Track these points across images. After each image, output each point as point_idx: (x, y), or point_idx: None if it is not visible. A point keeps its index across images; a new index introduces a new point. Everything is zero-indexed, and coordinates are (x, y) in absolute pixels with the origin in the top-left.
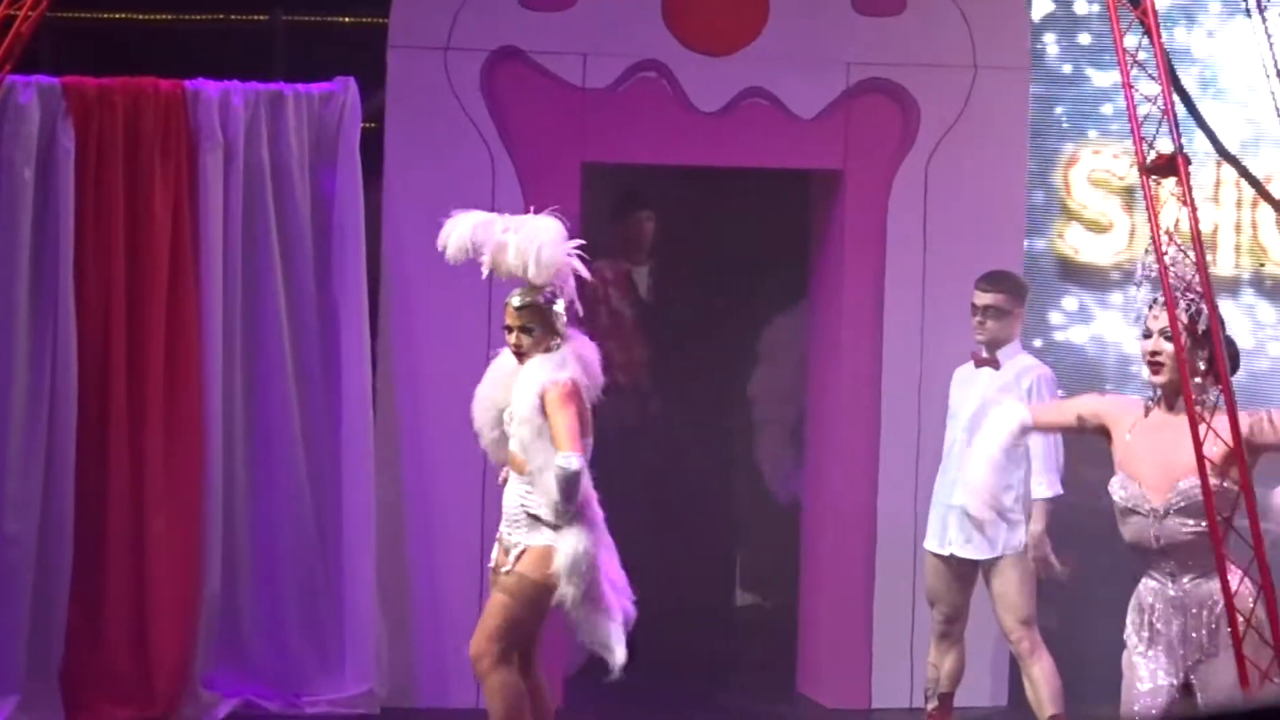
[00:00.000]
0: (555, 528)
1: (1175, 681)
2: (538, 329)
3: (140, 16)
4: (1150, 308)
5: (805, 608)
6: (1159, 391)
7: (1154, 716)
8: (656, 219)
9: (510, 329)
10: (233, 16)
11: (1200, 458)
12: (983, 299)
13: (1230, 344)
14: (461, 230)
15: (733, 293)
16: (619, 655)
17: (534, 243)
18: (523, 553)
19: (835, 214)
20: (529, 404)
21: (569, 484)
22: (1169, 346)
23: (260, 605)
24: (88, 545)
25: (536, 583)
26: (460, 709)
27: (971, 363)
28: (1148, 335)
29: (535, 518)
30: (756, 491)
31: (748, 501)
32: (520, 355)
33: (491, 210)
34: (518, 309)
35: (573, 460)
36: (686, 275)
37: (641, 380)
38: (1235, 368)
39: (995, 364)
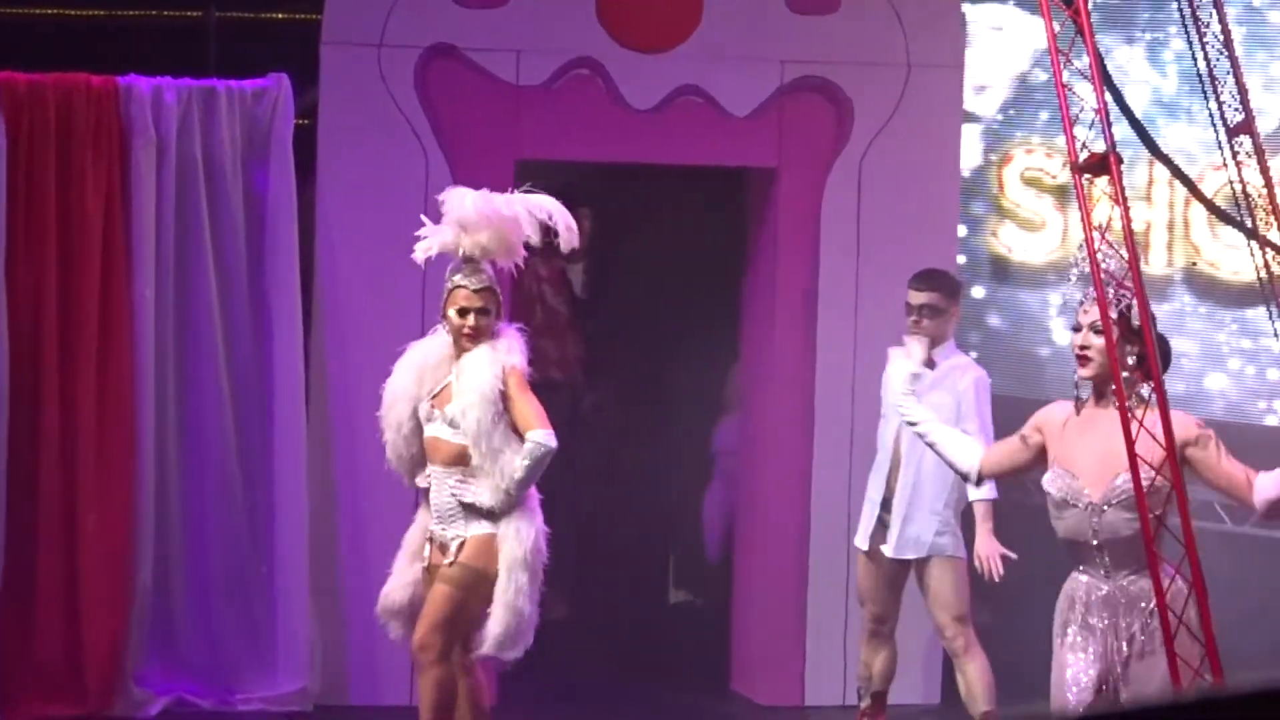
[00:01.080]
0: (493, 516)
1: (1107, 678)
2: (493, 312)
3: (73, 12)
4: (1081, 303)
5: (739, 605)
6: (1084, 391)
7: (1083, 713)
8: (591, 216)
9: (466, 311)
10: (166, 12)
11: (1132, 455)
12: (918, 298)
13: (1162, 341)
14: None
15: (667, 290)
16: (519, 651)
17: (509, 214)
18: (463, 544)
19: (769, 211)
20: (489, 386)
21: (542, 464)
22: (1098, 340)
23: (193, 602)
24: (19, 542)
25: (479, 571)
26: (393, 706)
27: None
28: (1077, 329)
29: (470, 507)
30: (690, 489)
31: (681, 498)
32: (474, 340)
33: (424, 208)
34: (476, 290)
35: (551, 438)
36: (621, 272)
37: (576, 377)
38: (1167, 365)
39: (931, 363)
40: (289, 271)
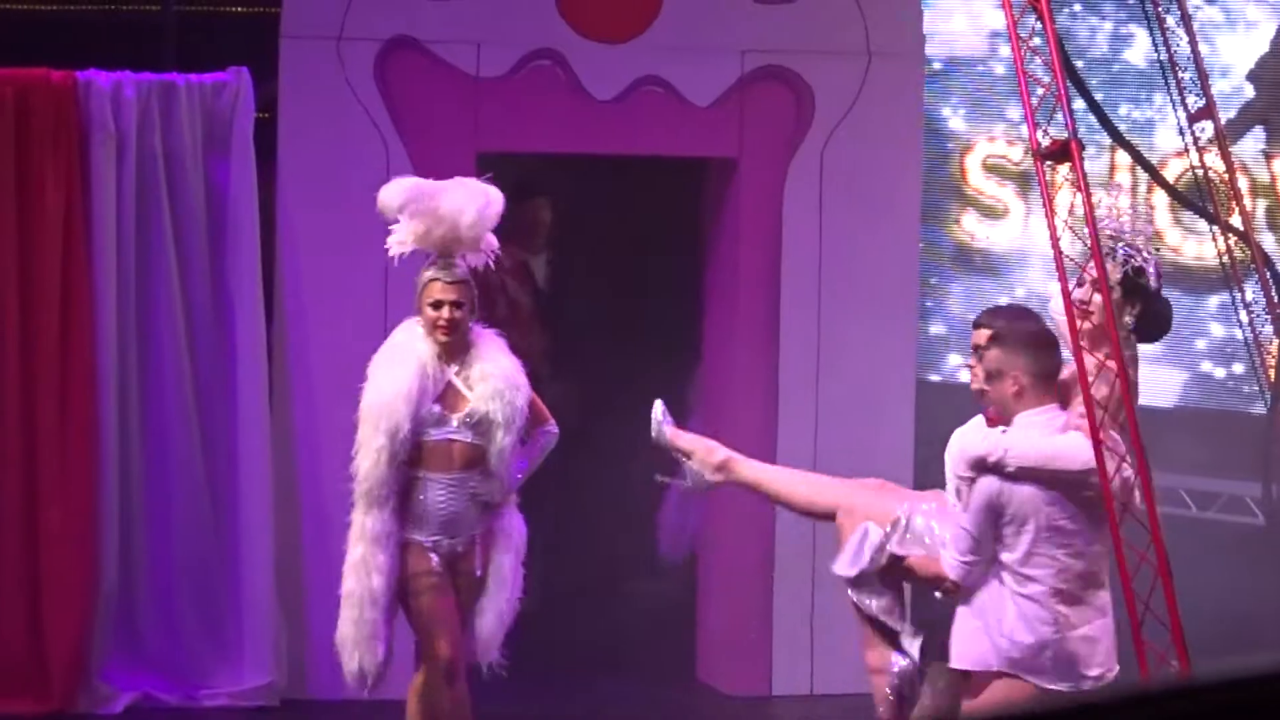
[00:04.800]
0: (490, 510)
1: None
2: (468, 305)
3: (31, 7)
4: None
5: (704, 596)
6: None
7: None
8: (553, 208)
9: (441, 304)
10: (124, 6)
11: (1097, 443)
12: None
13: (1165, 304)
14: (396, 189)
15: (629, 281)
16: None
17: (473, 203)
18: (475, 547)
19: (731, 201)
20: (517, 374)
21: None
22: (1099, 298)
23: (157, 598)
24: None
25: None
26: (358, 700)
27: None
28: (1081, 284)
29: (485, 506)
30: (654, 480)
31: (646, 490)
32: (449, 333)
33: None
34: (450, 283)
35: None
36: (583, 264)
37: (539, 369)
38: (1166, 329)
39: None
40: (250, 265)
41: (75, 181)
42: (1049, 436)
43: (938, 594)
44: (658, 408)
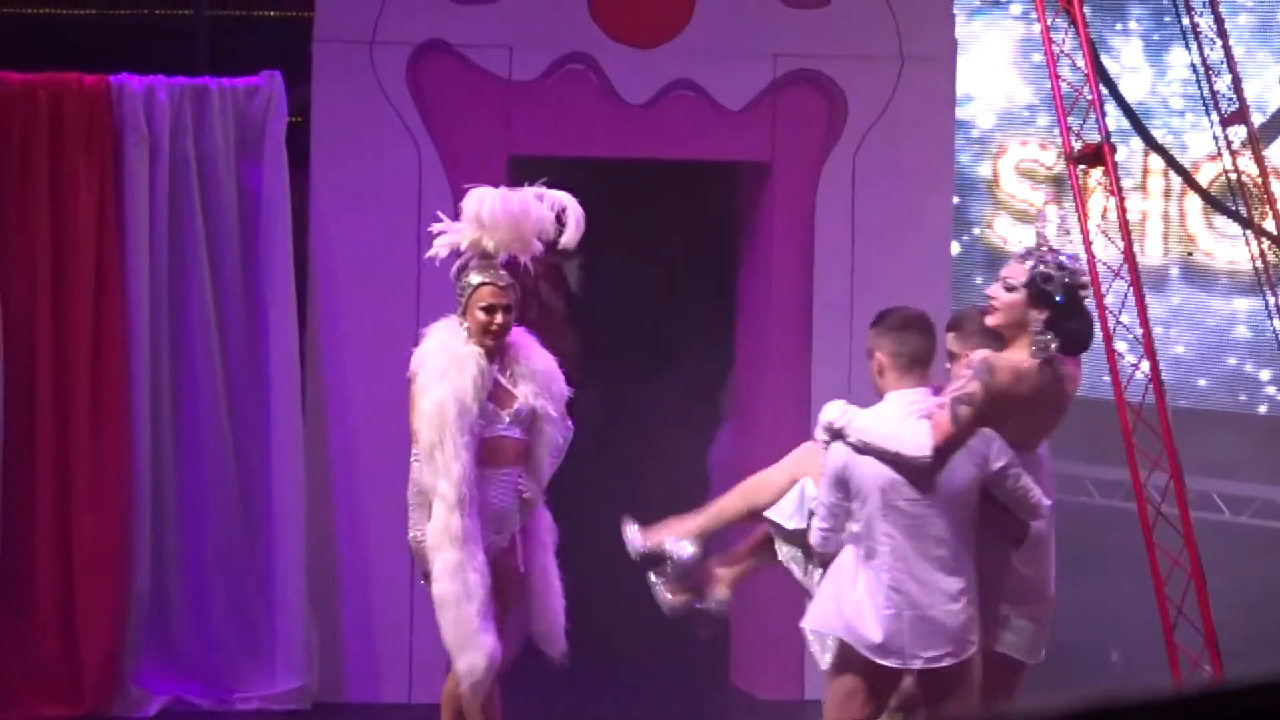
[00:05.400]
0: (530, 505)
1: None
2: (515, 309)
3: (65, 11)
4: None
5: (738, 599)
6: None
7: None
8: (585, 212)
9: (494, 309)
10: (157, 11)
11: (1130, 445)
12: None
13: (1083, 322)
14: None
15: (661, 285)
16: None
17: (528, 210)
18: (518, 538)
19: (763, 205)
20: (559, 377)
21: None
22: (1007, 296)
23: (190, 602)
24: (15, 542)
25: None
26: (391, 704)
27: None
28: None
29: (525, 503)
30: (686, 483)
31: (677, 492)
32: (498, 337)
33: (418, 204)
34: (502, 288)
35: None
36: (615, 268)
37: (570, 372)
38: (1082, 347)
39: None
40: (283, 269)
41: (108, 185)
42: (900, 419)
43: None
44: (629, 530)
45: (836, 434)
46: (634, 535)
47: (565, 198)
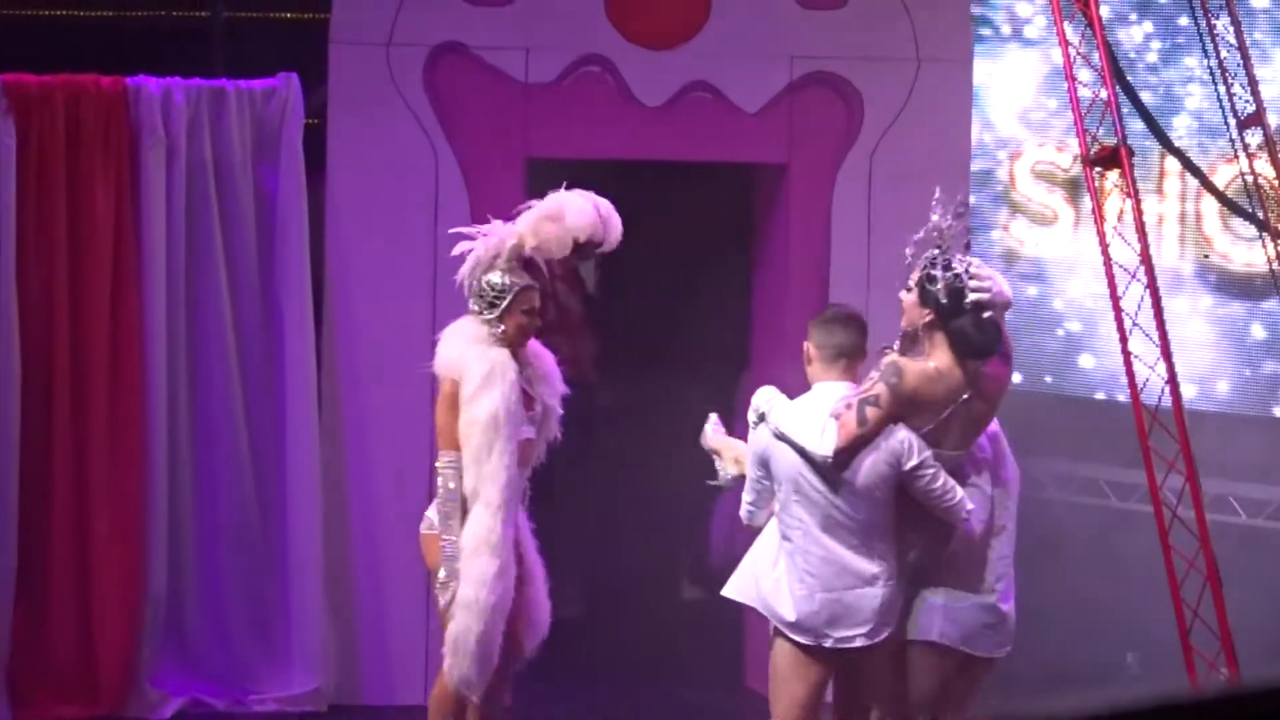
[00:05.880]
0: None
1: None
2: None
3: (81, 13)
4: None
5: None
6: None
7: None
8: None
9: (534, 312)
10: (174, 13)
11: (1146, 447)
12: None
13: (983, 330)
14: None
15: (678, 287)
16: None
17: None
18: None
19: (779, 207)
20: (560, 379)
21: None
22: (907, 297)
23: (206, 603)
24: (32, 544)
25: None
26: (406, 706)
27: None
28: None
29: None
30: (703, 486)
31: (694, 495)
32: (525, 342)
33: (435, 206)
34: (540, 291)
35: None
36: (632, 270)
37: (589, 375)
38: (984, 353)
39: None
40: (299, 271)
41: (125, 187)
42: (817, 413)
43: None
44: (713, 419)
45: (761, 417)
46: (710, 429)
47: (603, 202)
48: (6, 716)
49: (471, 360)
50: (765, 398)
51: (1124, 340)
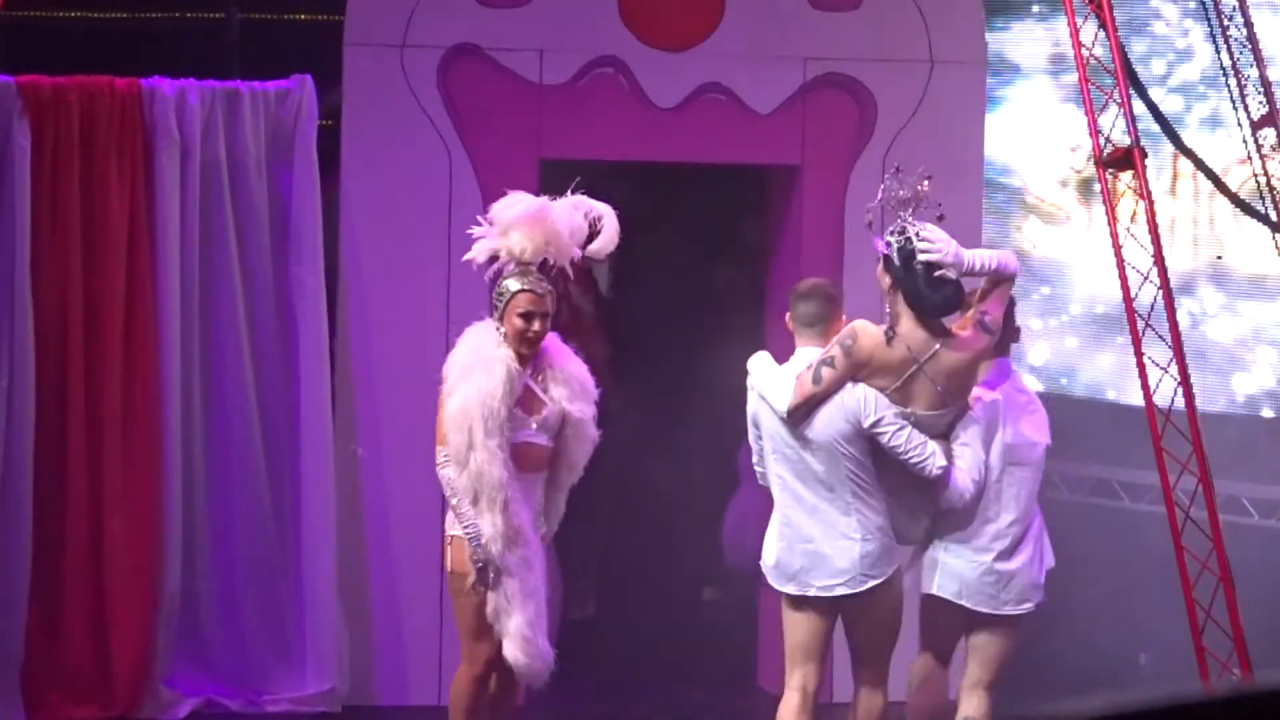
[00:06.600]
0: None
1: None
2: (550, 316)
3: (96, 15)
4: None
5: (765, 601)
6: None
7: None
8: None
9: (531, 316)
10: (188, 14)
11: (1159, 448)
12: None
13: (919, 286)
14: (513, 206)
15: (692, 288)
16: None
17: (579, 223)
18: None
19: (793, 209)
20: (591, 383)
21: None
22: (879, 267)
23: (220, 604)
24: (47, 545)
25: None
26: (421, 706)
27: None
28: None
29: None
30: (717, 487)
31: (708, 496)
32: (534, 345)
33: (449, 207)
34: (540, 296)
35: None
36: (646, 271)
37: (602, 377)
38: (921, 308)
39: None
40: (313, 273)
41: (139, 188)
42: (790, 372)
43: None
44: None
45: (749, 381)
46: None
47: (602, 207)
48: (21, 718)
49: (461, 356)
50: (754, 362)
51: (1137, 342)
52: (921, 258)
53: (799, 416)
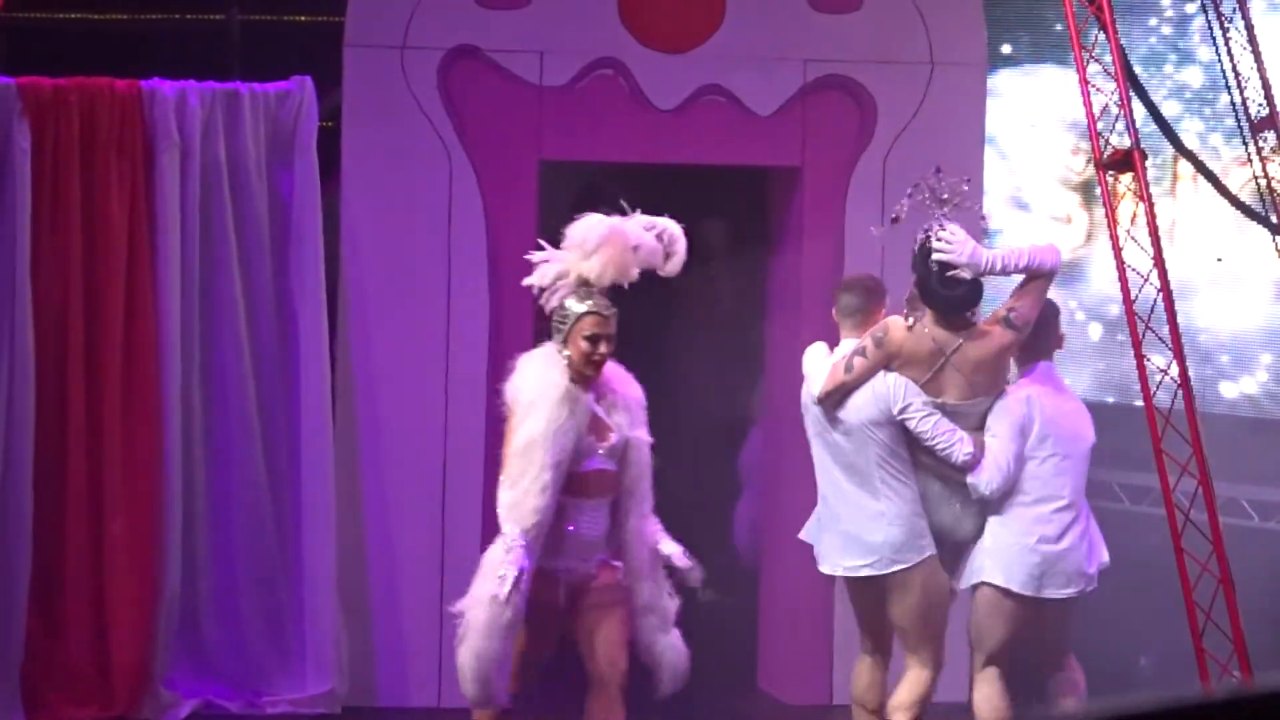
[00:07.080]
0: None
1: None
2: (614, 338)
3: (96, 16)
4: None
5: (765, 604)
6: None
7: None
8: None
9: (598, 339)
10: (189, 16)
11: (1159, 450)
12: None
13: (934, 284)
14: (595, 228)
15: (692, 290)
16: None
17: (632, 239)
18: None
19: (793, 211)
20: (644, 404)
21: None
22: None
23: (220, 605)
24: (47, 546)
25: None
26: (421, 708)
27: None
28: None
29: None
30: (718, 488)
31: (709, 497)
32: (599, 368)
33: (449, 209)
34: (606, 318)
35: None
36: (646, 273)
37: None
38: (936, 304)
39: None
40: (314, 274)
41: (139, 190)
42: (827, 362)
43: None
44: None
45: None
46: None
47: (673, 226)
48: (21, 718)
49: (529, 386)
50: (808, 351)
51: (1137, 344)
52: (935, 256)
53: (832, 403)
